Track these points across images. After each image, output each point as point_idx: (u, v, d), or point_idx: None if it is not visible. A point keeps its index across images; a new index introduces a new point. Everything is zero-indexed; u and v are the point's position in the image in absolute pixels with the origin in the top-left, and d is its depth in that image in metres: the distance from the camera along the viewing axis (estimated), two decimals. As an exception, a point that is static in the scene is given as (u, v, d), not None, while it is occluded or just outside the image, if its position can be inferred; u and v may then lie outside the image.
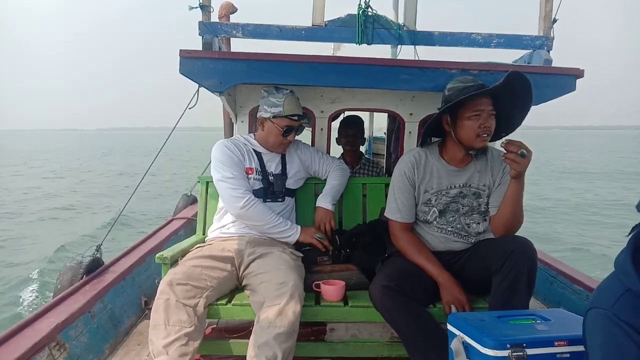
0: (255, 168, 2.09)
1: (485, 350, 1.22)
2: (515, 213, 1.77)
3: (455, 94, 1.77)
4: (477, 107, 1.73)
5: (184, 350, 1.59)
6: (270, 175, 2.10)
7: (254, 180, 2.07)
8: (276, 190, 2.10)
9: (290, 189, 2.17)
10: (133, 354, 2.11)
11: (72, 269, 2.40)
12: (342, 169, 2.30)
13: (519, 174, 1.69)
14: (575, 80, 2.08)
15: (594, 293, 0.96)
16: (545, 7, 2.35)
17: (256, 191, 2.05)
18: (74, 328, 1.95)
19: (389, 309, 1.65)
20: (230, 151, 2.04)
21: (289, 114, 2.03)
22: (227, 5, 2.96)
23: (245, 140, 2.16)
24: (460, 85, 1.78)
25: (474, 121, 1.74)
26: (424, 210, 1.91)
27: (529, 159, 1.64)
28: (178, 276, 1.73)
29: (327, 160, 2.30)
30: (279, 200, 2.11)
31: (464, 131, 1.77)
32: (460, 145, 1.82)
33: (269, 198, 2.08)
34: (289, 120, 2.04)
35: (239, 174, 2.00)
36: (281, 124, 2.04)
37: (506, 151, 1.65)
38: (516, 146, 1.63)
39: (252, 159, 2.10)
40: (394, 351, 1.87)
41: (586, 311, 0.96)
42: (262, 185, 2.08)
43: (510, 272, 1.60)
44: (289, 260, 1.91)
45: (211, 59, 2.04)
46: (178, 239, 3.24)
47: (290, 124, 2.05)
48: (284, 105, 2.03)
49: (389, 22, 2.40)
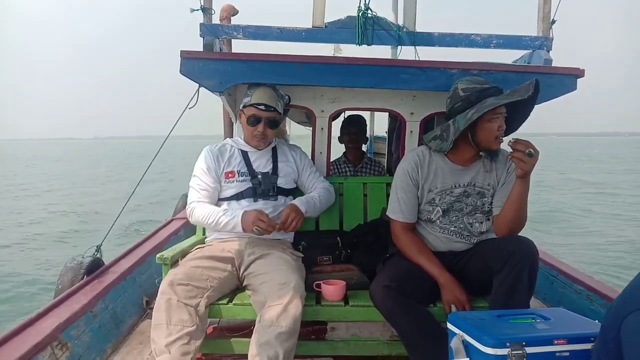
0: (237, 170, 2.07)
1: (484, 348, 1.23)
2: (519, 213, 1.76)
3: (474, 94, 1.75)
4: (498, 110, 1.73)
5: (186, 349, 1.60)
6: (259, 174, 2.08)
7: (237, 183, 2.05)
8: (264, 189, 2.06)
9: (283, 187, 2.12)
10: (135, 353, 2.11)
11: (73, 270, 2.40)
12: (329, 191, 2.22)
13: (525, 174, 1.67)
14: (575, 79, 2.09)
15: (629, 294, 0.90)
16: (544, 9, 2.36)
17: (245, 191, 2.04)
18: (76, 328, 1.95)
19: (389, 309, 1.65)
20: (207, 159, 2.06)
21: (254, 102, 2.01)
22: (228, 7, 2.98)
23: (233, 142, 2.16)
24: (477, 86, 1.77)
25: (494, 124, 1.74)
26: (428, 210, 1.90)
27: (536, 158, 1.63)
28: (179, 276, 1.74)
29: (316, 177, 2.23)
30: (271, 199, 2.07)
31: (484, 133, 1.76)
32: (475, 146, 1.81)
33: (260, 197, 2.06)
34: (255, 109, 2.01)
35: (202, 184, 2.03)
36: (248, 113, 2.03)
37: (513, 150, 1.64)
38: (524, 145, 1.62)
39: (236, 162, 2.09)
40: (394, 350, 1.88)
41: (625, 315, 0.89)
42: (251, 185, 2.06)
43: (512, 272, 1.60)
44: (289, 260, 1.92)
45: (211, 59, 2.05)
46: (178, 239, 3.25)
47: (256, 113, 2.02)
48: (252, 95, 2.02)
49: (389, 23, 2.41)
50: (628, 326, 0.90)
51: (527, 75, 2.07)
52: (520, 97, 1.68)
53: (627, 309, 0.90)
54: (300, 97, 2.42)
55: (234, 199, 2.05)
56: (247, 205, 2.03)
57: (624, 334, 0.91)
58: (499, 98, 1.73)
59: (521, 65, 2.34)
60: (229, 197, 2.06)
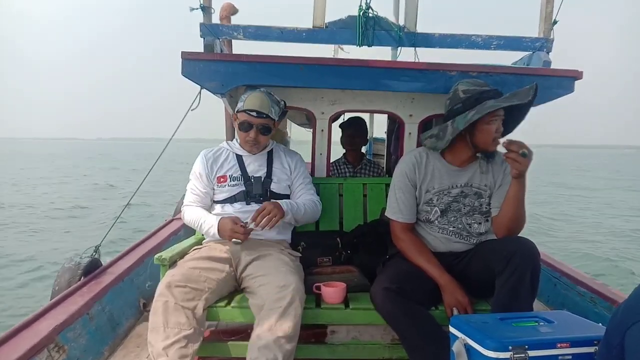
0: (229, 175, 2.06)
1: (486, 352, 1.21)
2: (517, 213, 1.76)
3: (474, 96, 1.76)
4: (497, 112, 1.75)
5: (183, 353, 1.58)
6: (252, 178, 2.06)
7: (229, 187, 2.04)
8: (255, 194, 2.03)
9: (276, 192, 2.07)
10: (132, 356, 2.09)
11: (70, 270, 2.38)
12: (315, 204, 2.13)
13: (520, 174, 1.69)
14: (573, 82, 2.09)
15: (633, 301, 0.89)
16: (546, 9, 2.35)
17: (237, 195, 2.03)
18: (73, 330, 1.93)
19: (390, 312, 1.64)
20: (200, 164, 2.07)
21: (246, 109, 1.98)
22: (227, 6, 2.96)
23: (229, 145, 2.15)
24: (477, 88, 1.78)
25: (492, 126, 1.76)
26: (426, 210, 1.90)
27: (530, 158, 1.65)
28: (176, 278, 1.71)
29: (306, 189, 2.14)
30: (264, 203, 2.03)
31: (482, 135, 1.78)
32: (472, 147, 1.83)
33: (253, 200, 2.03)
34: (247, 115, 1.98)
35: (194, 188, 2.06)
36: (240, 119, 2.01)
37: (507, 151, 1.65)
38: (517, 145, 1.63)
39: (229, 166, 2.07)
40: (395, 353, 1.86)
41: (629, 324, 0.88)
42: (244, 189, 2.04)
43: (513, 274, 1.59)
44: (288, 262, 1.90)
45: (213, 60, 2.04)
46: (177, 239, 3.23)
47: (248, 120, 1.98)
48: (245, 100, 1.99)
49: (390, 24, 2.41)
50: (632, 335, 0.90)
51: (525, 78, 2.06)
52: (520, 102, 1.70)
53: (632, 319, 0.90)
54: (301, 99, 2.41)
55: (228, 202, 2.04)
56: (240, 208, 2.02)
57: (627, 344, 0.90)
58: (498, 101, 1.75)
59: (519, 68, 2.34)
60: (222, 201, 2.05)
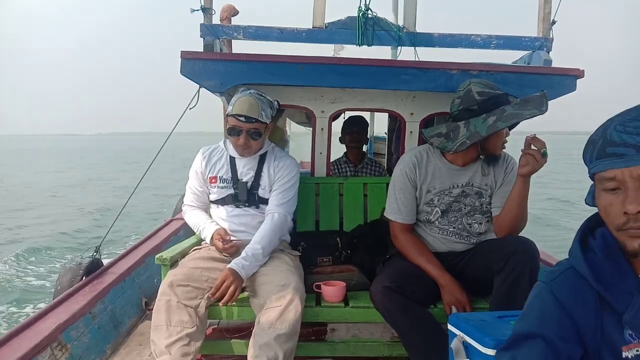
0: (219, 177, 2.02)
1: (485, 349, 1.22)
2: (520, 212, 1.75)
3: (492, 100, 1.72)
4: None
5: (186, 350, 1.60)
6: (239, 182, 2.01)
7: (218, 189, 2.02)
8: (240, 199, 1.99)
9: (263, 198, 2.01)
10: (135, 354, 2.11)
11: (72, 270, 2.39)
12: (281, 221, 1.95)
13: (530, 172, 1.66)
14: (575, 80, 2.10)
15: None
16: (544, 9, 2.36)
17: (226, 198, 2.01)
18: (75, 329, 1.95)
19: (389, 310, 1.65)
20: (197, 162, 2.07)
21: (234, 113, 1.90)
22: (228, 7, 2.98)
23: (225, 145, 2.10)
24: (492, 92, 1.74)
25: (502, 130, 1.75)
26: (427, 211, 1.90)
27: (545, 160, 1.63)
28: (178, 277, 1.73)
29: (278, 198, 1.99)
30: (252, 207, 2.00)
31: (493, 139, 1.76)
32: (479, 150, 1.81)
33: (241, 204, 2.00)
34: (235, 120, 1.89)
35: (192, 187, 2.07)
36: (230, 124, 1.94)
37: (529, 146, 1.63)
38: (541, 144, 1.61)
39: (221, 167, 2.04)
40: (394, 351, 1.87)
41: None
42: (232, 192, 2.00)
43: (512, 273, 1.60)
44: (288, 261, 1.91)
45: (212, 60, 2.05)
46: (178, 239, 3.24)
47: (236, 125, 1.90)
48: (234, 104, 1.92)
49: (389, 24, 2.41)
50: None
51: (527, 76, 2.07)
52: (540, 113, 1.67)
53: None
54: (301, 98, 2.42)
55: (219, 203, 2.04)
56: (230, 211, 2.01)
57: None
58: (516, 109, 1.70)
59: (521, 66, 2.35)
60: (214, 201, 2.05)
